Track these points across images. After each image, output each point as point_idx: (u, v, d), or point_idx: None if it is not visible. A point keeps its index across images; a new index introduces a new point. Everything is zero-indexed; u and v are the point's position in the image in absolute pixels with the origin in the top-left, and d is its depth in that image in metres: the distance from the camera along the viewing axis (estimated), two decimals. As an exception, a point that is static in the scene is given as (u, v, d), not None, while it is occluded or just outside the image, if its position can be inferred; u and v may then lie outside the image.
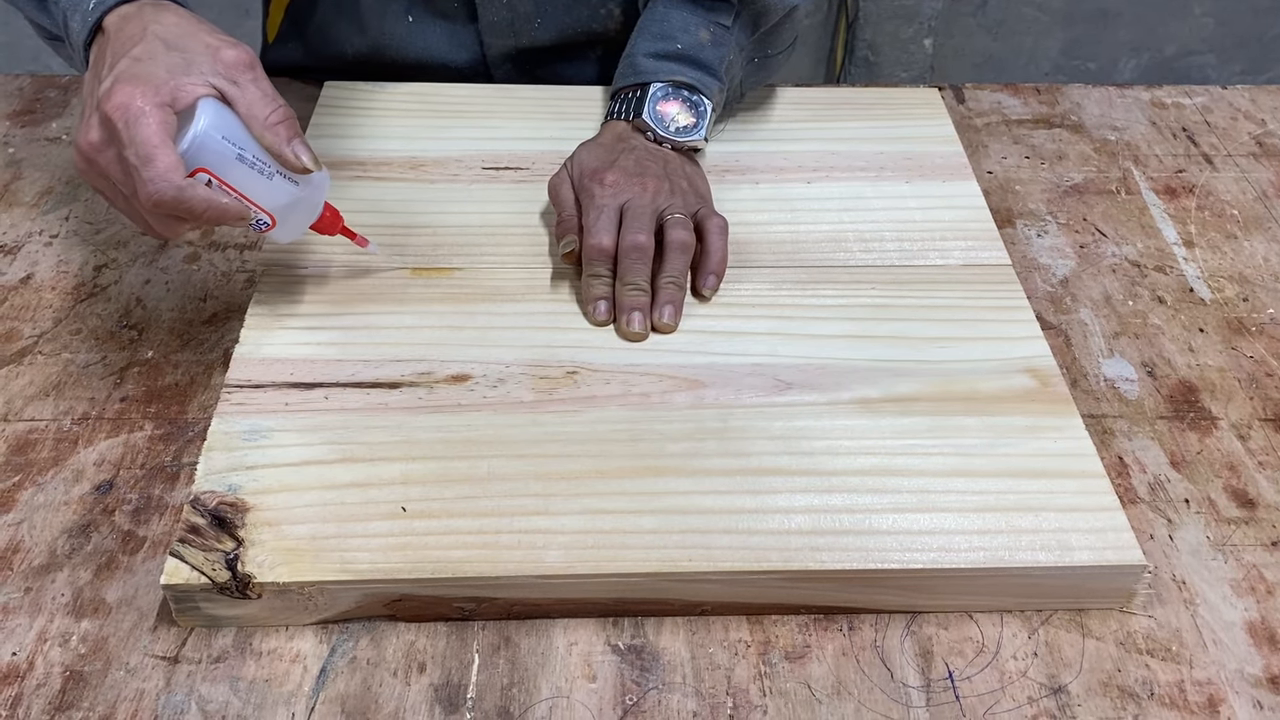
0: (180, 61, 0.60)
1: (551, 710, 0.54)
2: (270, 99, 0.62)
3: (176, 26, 0.62)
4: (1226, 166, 0.90)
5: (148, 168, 0.57)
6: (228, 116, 0.61)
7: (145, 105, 0.58)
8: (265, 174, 0.62)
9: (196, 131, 0.59)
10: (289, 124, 0.62)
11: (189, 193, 0.58)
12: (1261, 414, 0.70)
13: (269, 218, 0.63)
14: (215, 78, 0.61)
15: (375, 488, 0.59)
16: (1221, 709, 0.55)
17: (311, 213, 0.66)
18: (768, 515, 0.59)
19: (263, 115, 0.61)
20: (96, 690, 0.54)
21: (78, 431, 0.66)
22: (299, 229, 0.66)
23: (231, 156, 0.61)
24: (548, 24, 0.90)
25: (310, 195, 0.65)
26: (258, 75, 0.62)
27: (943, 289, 0.73)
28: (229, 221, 0.61)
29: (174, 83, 0.59)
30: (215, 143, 0.60)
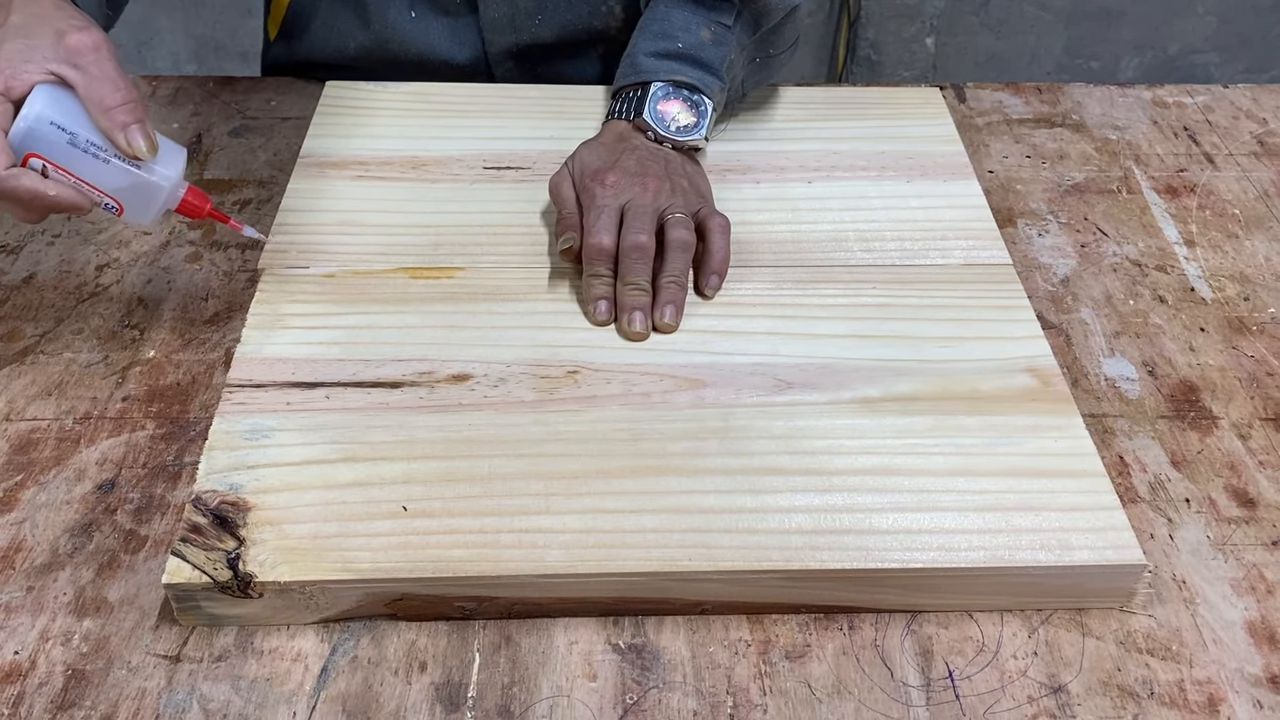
0: (23, 48, 0.61)
1: (552, 709, 0.54)
2: (113, 82, 0.61)
3: (34, 14, 0.62)
4: (1228, 166, 0.90)
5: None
6: (66, 101, 0.61)
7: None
8: (100, 158, 0.62)
9: (23, 117, 0.60)
10: (129, 108, 0.62)
11: (10, 183, 0.59)
12: (1262, 413, 0.70)
13: (114, 202, 0.63)
14: (55, 64, 0.61)
15: (376, 487, 0.59)
16: (1221, 708, 0.55)
17: (164, 195, 0.65)
18: (768, 514, 0.59)
19: (99, 99, 0.61)
20: (98, 689, 0.55)
21: (80, 431, 0.66)
22: (152, 211, 0.65)
23: (63, 142, 0.61)
24: (549, 21, 0.90)
25: (160, 177, 0.64)
26: (101, 59, 0.62)
27: (944, 288, 0.73)
28: (66, 209, 0.62)
29: (10, 70, 0.60)
30: (44, 128, 0.60)
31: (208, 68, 2.01)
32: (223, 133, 0.90)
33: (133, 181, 0.63)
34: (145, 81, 0.95)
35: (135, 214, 0.65)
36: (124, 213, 0.64)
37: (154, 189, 0.64)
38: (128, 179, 0.63)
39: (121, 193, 0.63)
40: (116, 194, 0.63)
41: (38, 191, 0.60)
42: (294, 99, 0.94)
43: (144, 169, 0.63)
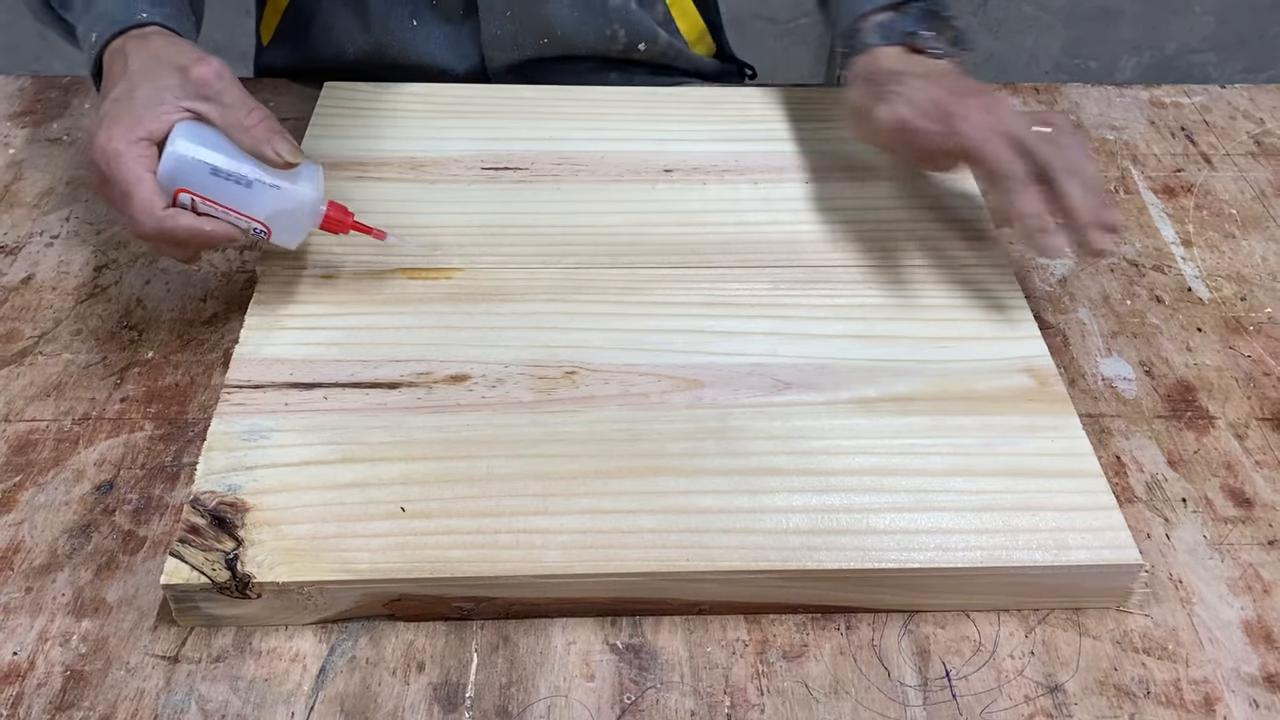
0: (153, 92, 0.63)
1: (550, 709, 0.54)
2: (243, 104, 0.64)
3: (152, 58, 0.65)
4: (1225, 166, 0.90)
5: (128, 204, 0.61)
6: (205, 134, 0.63)
7: (120, 146, 0.61)
8: (243, 184, 0.63)
9: (167, 155, 0.62)
10: (265, 124, 0.64)
11: (169, 223, 0.61)
12: (1259, 413, 0.70)
13: (262, 226, 0.64)
14: (187, 100, 0.63)
15: (374, 488, 0.59)
16: (1218, 708, 0.55)
17: (310, 214, 0.67)
18: (766, 515, 0.59)
19: (238, 121, 0.63)
20: (97, 690, 0.55)
21: (78, 432, 0.66)
22: (300, 232, 0.67)
23: (206, 173, 0.63)
24: (554, 44, 0.91)
25: (302, 197, 0.65)
26: (227, 85, 0.64)
27: (941, 288, 0.73)
28: (220, 243, 0.64)
29: (148, 115, 0.62)
30: (187, 164, 0.62)
31: (206, 68, 2.01)
32: (221, 133, 0.90)
33: (277, 203, 0.64)
34: (143, 82, 0.95)
35: (283, 235, 0.66)
36: (272, 235, 0.65)
37: (299, 209, 0.66)
38: (273, 202, 0.64)
39: (270, 216, 0.65)
40: (265, 218, 0.64)
41: (195, 229, 0.62)
42: (292, 100, 0.94)
43: (286, 190, 0.64)
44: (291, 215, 0.66)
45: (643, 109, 0.88)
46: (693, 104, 0.89)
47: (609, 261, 0.74)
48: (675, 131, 0.86)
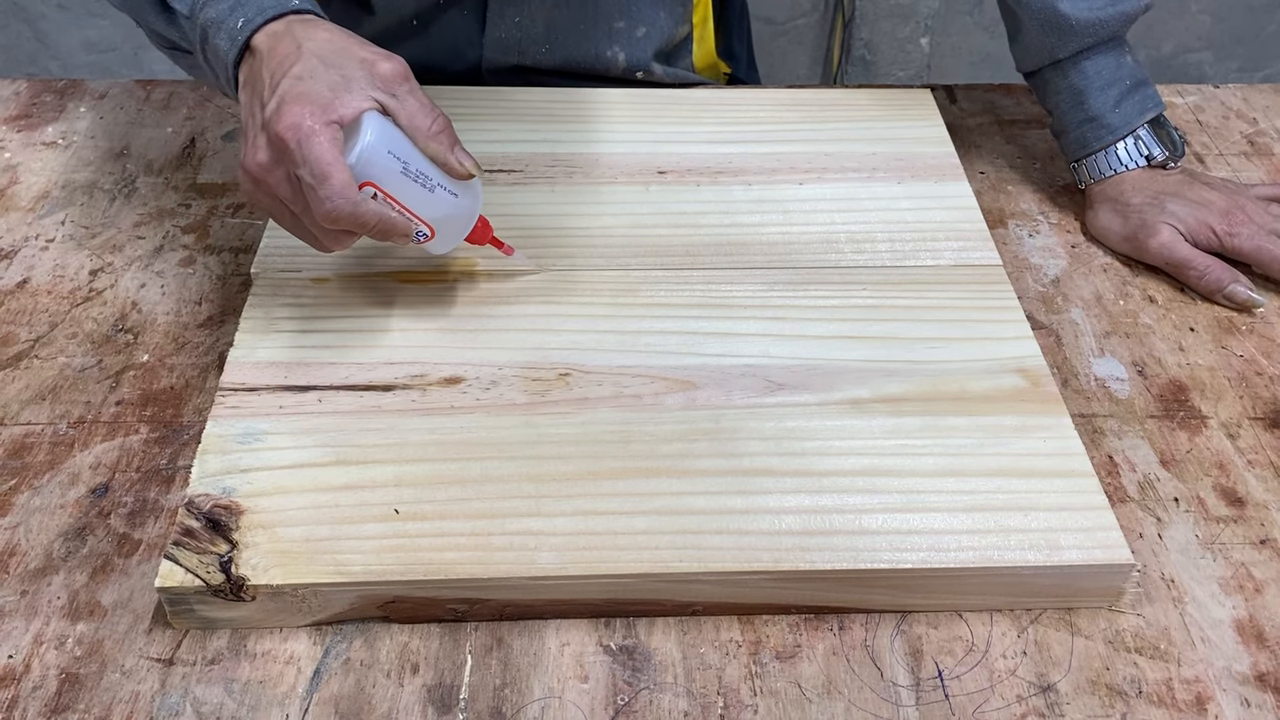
0: (340, 78, 0.61)
1: (544, 711, 0.55)
2: (429, 109, 0.63)
3: (329, 43, 0.63)
4: (1218, 165, 0.90)
5: (323, 185, 0.58)
6: (390, 130, 0.62)
7: (315, 124, 0.58)
8: (427, 186, 0.63)
9: (363, 146, 0.60)
10: (449, 132, 0.63)
11: (362, 208, 0.60)
12: (1251, 413, 0.70)
13: (428, 229, 0.64)
14: (375, 91, 0.62)
15: (368, 490, 0.60)
16: (1209, 707, 0.56)
17: (467, 223, 0.67)
18: (759, 516, 0.59)
19: (424, 126, 0.62)
20: (92, 693, 0.55)
21: (73, 435, 0.66)
22: (455, 240, 0.67)
23: (396, 170, 0.61)
24: (554, 52, 0.92)
25: (468, 206, 0.66)
26: (413, 86, 0.63)
27: (934, 289, 0.73)
28: (394, 236, 0.63)
29: (338, 100, 0.60)
30: (381, 157, 0.61)
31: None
32: (215, 137, 0.90)
33: (450, 210, 0.64)
34: (139, 86, 0.96)
35: (442, 242, 0.66)
36: (431, 239, 0.65)
37: (466, 217, 0.66)
38: (447, 207, 0.64)
39: (438, 221, 0.64)
40: (433, 222, 0.64)
41: (385, 217, 0.61)
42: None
43: (460, 198, 0.64)
44: (456, 222, 0.66)
45: (636, 111, 0.88)
46: (686, 106, 0.89)
47: (602, 263, 0.74)
48: (669, 133, 0.86)
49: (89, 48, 1.97)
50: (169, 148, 0.89)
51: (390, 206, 0.62)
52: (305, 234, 0.63)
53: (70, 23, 1.94)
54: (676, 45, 0.96)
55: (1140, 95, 0.83)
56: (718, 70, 1.03)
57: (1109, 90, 0.82)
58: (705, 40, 0.99)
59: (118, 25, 1.95)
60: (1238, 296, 0.77)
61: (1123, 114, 0.82)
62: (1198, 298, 0.78)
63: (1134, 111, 0.82)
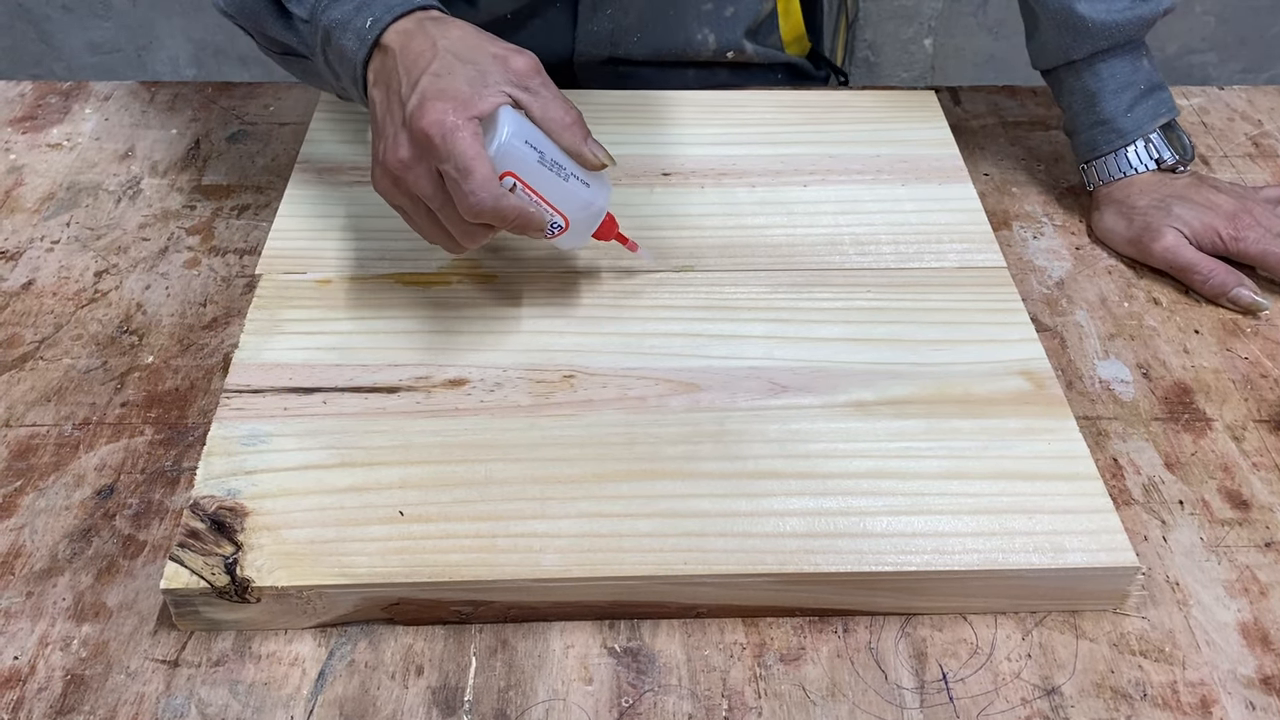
0: (476, 74, 0.62)
1: (548, 713, 0.55)
2: (562, 102, 0.64)
3: (462, 40, 0.64)
4: (1223, 167, 0.90)
5: (468, 180, 0.59)
6: (525, 122, 0.63)
7: (458, 120, 0.59)
8: (562, 176, 0.63)
9: (502, 138, 0.61)
10: (581, 124, 0.64)
11: (505, 201, 0.60)
12: (1256, 415, 0.70)
13: (563, 220, 0.64)
14: (509, 86, 0.62)
15: (373, 492, 0.60)
16: (1214, 710, 0.55)
17: (598, 215, 0.67)
18: (763, 518, 0.59)
19: (559, 118, 0.63)
20: (97, 694, 0.55)
21: (79, 437, 0.67)
22: (586, 233, 0.67)
23: (533, 160, 0.62)
24: (645, 41, 0.92)
25: (600, 198, 0.66)
26: (546, 80, 0.64)
27: (938, 292, 0.73)
28: (532, 229, 0.63)
29: (476, 95, 0.61)
30: (519, 148, 0.61)
31: (207, 72, 2.01)
32: (220, 138, 0.90)
33: (584, 201, 0.65)
34: (144, 87, 0.96)
35: (574, 235, 0.66)
36: (565, 232, 0.65)
37: (598, 208, 0.66)
38: (581, 199, 0.65)
39: (573, 212, 0.65)
40: (569, 214, 0.64)
41: (524, 210, 0.61)
42: (292, 104, 0.94)
43: (593, 190, 0.65)
44: (588, 215, 0.66)
45: (641, 113, 0.88)
46: (691, 108, 0.89)
47: (606, 265, 0.74)
48: (673, 135, 0.86)
49: (94, 49, 1.97)
50: (174, 149, 0.89)
51: (529, 199, 0.63)
52: (439, 233, 0.64)
53: (75, 25, 1.94)
54: (762, 21, 0.97)
55: (1154, 100, 0.83)
56: (804, 44, 1.03)
57: (1123, 94, 0.82)
58: (791, 13, 1.00)
59: (122, 27, 1.96)
60: (1242, 300, 0.77)
61: (1135, 118, 0.82)
62: (1202, 300, 0.78)
63: (1146, 116, 0.82)
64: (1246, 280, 0.77)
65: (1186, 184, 0.82)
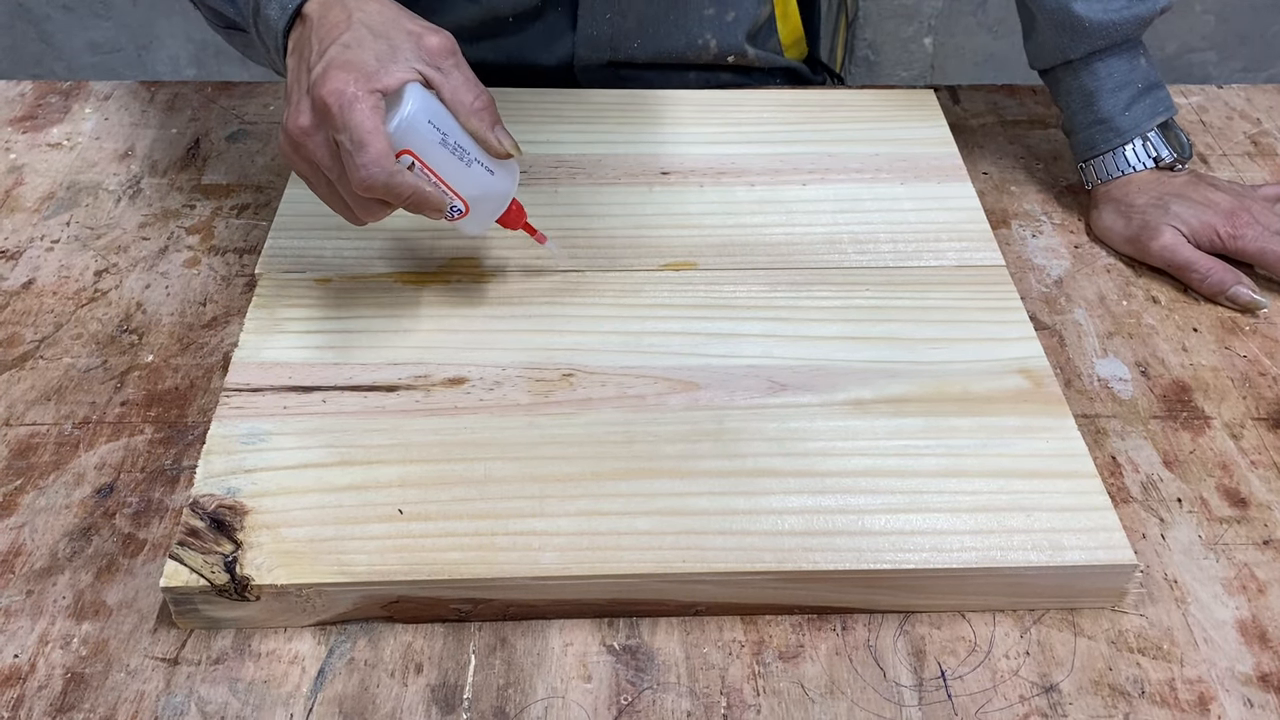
0: (387, 48, 0.61)
1: (547, 710, 0.55)
2: (472, 85, 0.63)
3: (379, 14, 0.63)
4: (1222, 166, 0.90)
5: (361, 153, 0.59)
6: (433, 102, 0.62)
7: (358, 91, 0.59)
8: (465, 160, 0.63)
9: (404, 115, 0.60)
10: (491, 110, 0.64)
11: (398, 179, 0.60)
12: (1254, 413, 0.70)
13: (463, 204, 0.64)
14: (420, 64, 0.62)
15: (372, 490, 0.60)
16: (1212, 707, 0.56)
17: (501, 203, 0.67)
18: (762, 516, 0.59)
19: (467, 101, 0.63)
20: (97, 692, 0.55)
21: (79, 435, 0.67)
22: (488, 220, 0.67)
23: (435, 141, 0.62)
24: (645, 45, 0.92)
25: (504, 186, 0.66)
26: (459, 61, 0.64)
27: (937, 290, 0.73)
28: (428, 209, 0.63)
29: (383, 69, 0.60)
30: (422, 126, 0.61)
31: (207, 72, 2.01)
32: (220, 137, 0.90)
33: (484, 187, 0.65)
34: (143, 87, 0.96)
35: (475, 221, 0.66)
36: (465, 216, 0.65)
37: (500, 195, 0.66)
38: (482, 184, 0.64)
39: (473, 197, 0.64)
40: (469, 198, 0.64)
41: (419, 189, 0.61)
42: (291, 104, 0.94)
43: (496, 176, 0.65)
44: (490, 201, 0.66)
45: (640, 112, 0.88)
46: (689, 107, 0.89)
47: (606, 264, 0.74)
48: (672, 134, 0.86)
49: (94, 49, 1.98)
50: (174, 149, 0.89)
51: (427, 179, 0.62)
52: (338, 203, 0.64)
53: (75, 24, 1.94)
54: (761, 25, 0.97)
55: (1152, 99, 0.83)
56: (802, 48, 1.04)
57: (1120, 93, 0.82)
58: (789, 16, 1.00)
59: (122, 27, 1.96)
60: (1240, 298, 0.77)
61: (1133, 117, 0.82)
62: (1201, 298, 0.78)
63: (1144, 115, 0.82)
64: (1245, 278, 0.77)
65: (1185, 182, 0.82)
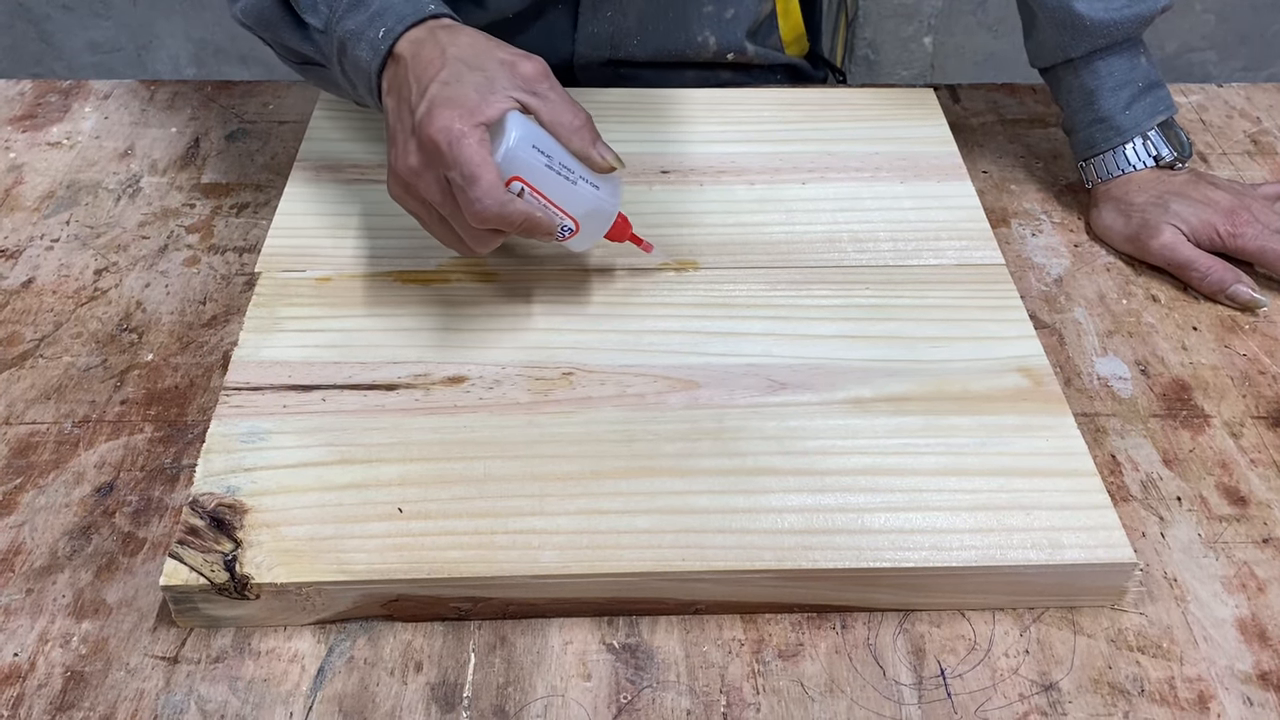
0: (484, 80, 0.62)
1: (546, 709, 0.55)
2: (569, 105, 0.64)
3: (470, 47, 0.64)
4: (1222, 165, 0.90)
5: (473, 187, 0.60)
6: (534, 127, 0.63)
7: (464, 127, 0.60)
8: (571, 180, 0.64)
9: (509, 144, 0.61)
10: (590, 127, 0.65)
11: (510, 207, 0.61)
12: (1254, 412, 0.70)
13: (573, 223, 0.65)
14: (517, 91, 0.63)
15: (372, 489, 0.60)
16: (1211, 705, 0.56)
17: (608, 218, 0.67)
18: (761, 515, 0.59)
19: (566, 121, 0.64)
20: (97, 690, 0.55)
21: (78, 434, 0.67)
22: (596, 235, 0.67)
23: (541, 165, 0.63)
24: (645, 43, 0.93)
25: (609, 201, 0.66)
26: (554, 84, 0.65)
27: (936, 289, 0.73)
28: (540, 232, 0.64)
29: (483, 102, 0.61)
30: (526, 152, 0.62)
31: (207, 71, 2.01)
32: (219, 137, 0.90)
33: (593, 204, 0.65)
34: (143, 86, 0.96)
35: (584, 238, 0.67)
36: (575, 235, 0.66)
37: (608, 210, 0.67)
38: (590, 202, 0.65)
39: (582, 216, 0.65)
40: (578, 216, 0.65)
41: (530, 215, 0.62)
42: (291, 102, 0.94)
43: (602, 192, 0.65)
44: (598, 218, 0.66)
45: (640, 111, 0.88)
46: (690, 105, 0.89)
47: (605, 263, 0.74)
48: (672, 133, 0.86)
49: (94, 49, 1.98)
50: (173, 148, 0.89)
51: (536, 202, 0.63)
52: (451, 237, 0.65)
53: (75, 24, 1.94)
54: (762, 22, 0.97)
55: (1152, 97, 0.83)
56: (803, 44, 1.04)
57: (1120, 92, 0.82)
58: (790, 13, 1.01)
59: (122, 26, 1.96)
60: (1240, 297, 0.77)
61: (1133, 116, 0.82)
62: (1200, 297, 0.79)
63: (1144, 114, 0.82)
64: (1244, 277, 0.77)
65: (1184, 181, 0.82)
